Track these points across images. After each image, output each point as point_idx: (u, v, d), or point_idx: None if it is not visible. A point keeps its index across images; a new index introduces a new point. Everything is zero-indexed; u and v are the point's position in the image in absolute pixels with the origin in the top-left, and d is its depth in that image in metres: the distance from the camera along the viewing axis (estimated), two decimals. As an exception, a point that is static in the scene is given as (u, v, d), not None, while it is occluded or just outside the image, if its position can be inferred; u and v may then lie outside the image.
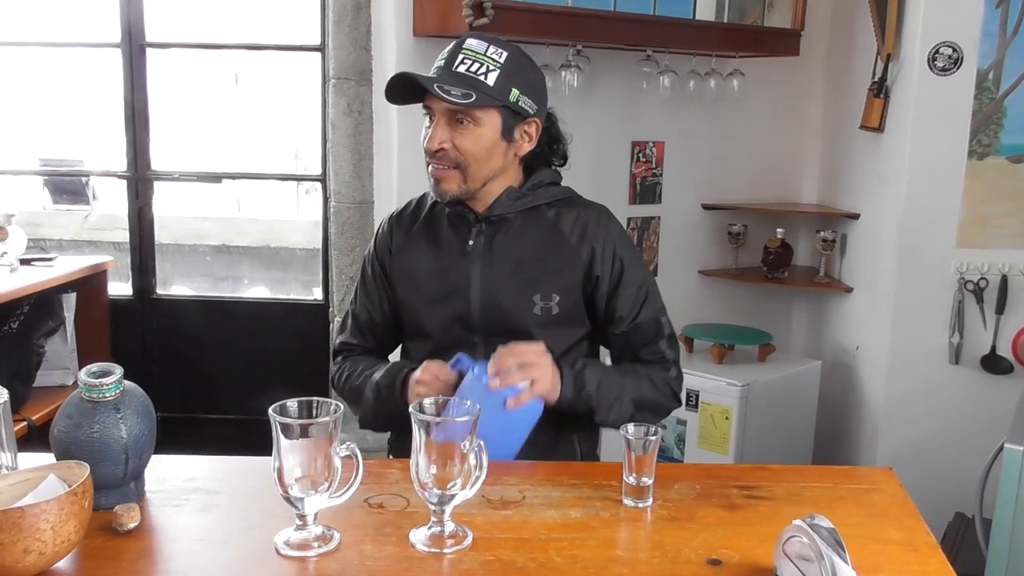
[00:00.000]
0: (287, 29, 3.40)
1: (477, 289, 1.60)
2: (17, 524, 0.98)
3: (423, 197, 1.72)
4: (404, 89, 1.53)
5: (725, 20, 3.06)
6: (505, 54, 1.53)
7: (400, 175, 2.88)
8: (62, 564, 1.06)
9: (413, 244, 1.67)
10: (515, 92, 1.54)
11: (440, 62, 1.53)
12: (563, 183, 1.68)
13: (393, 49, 2.80)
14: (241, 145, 6.12)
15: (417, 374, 1.52)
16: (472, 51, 1.52)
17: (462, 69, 1.51)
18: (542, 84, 1.61)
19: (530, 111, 1.57)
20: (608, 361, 1.71)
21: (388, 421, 1.64)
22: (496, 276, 1.60)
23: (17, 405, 2.66)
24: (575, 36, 2.79)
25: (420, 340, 1.67)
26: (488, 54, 1.52)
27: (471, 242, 1.61)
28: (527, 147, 1.61)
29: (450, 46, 1.55)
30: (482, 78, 1.50)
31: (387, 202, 2.94)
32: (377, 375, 1.62)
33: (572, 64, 2.88)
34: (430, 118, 1.55)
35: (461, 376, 1.45)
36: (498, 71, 1.52)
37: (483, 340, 1.60)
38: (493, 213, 1.61)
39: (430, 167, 1.56)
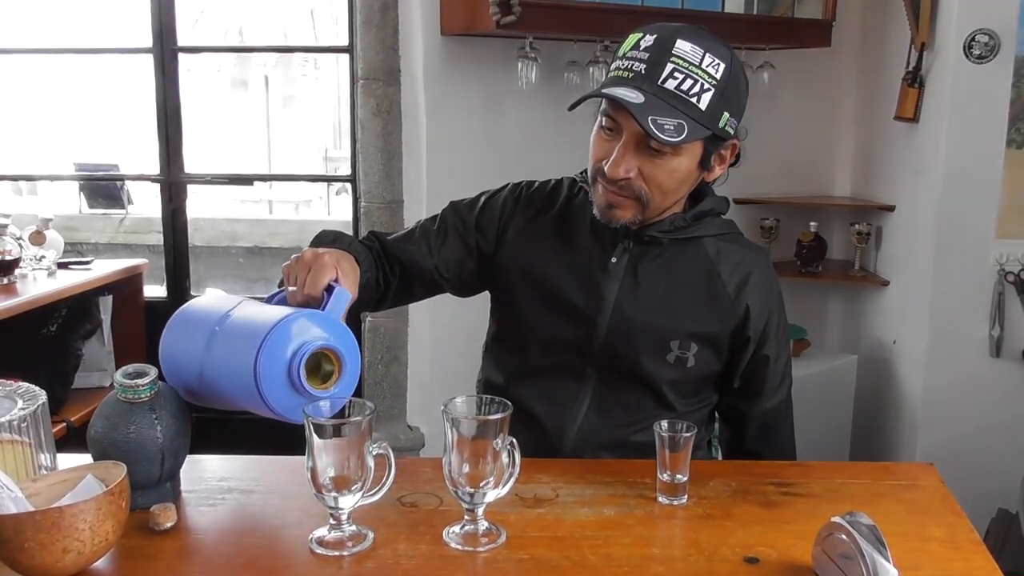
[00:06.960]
0: (316, 31, 3.43)
1: (609, 315, 1.37)
2: (56, 524, 0.99)
3: (560, 183, 1.48)
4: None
5: (754, 12, 3.02)
6: (722, 67, 1.26)
7: (429, 174, 2.88)
8: (100, 563, 1.07)
9: (539, 237, 1.43)
10: (725, 116, 1.29)
11: (639, 64, 1.26)
12: None
13: (421, 49, 2.80)
14: (272, 146, 6.18)
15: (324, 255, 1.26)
16: (685, 60, 1.25)
17: (671, 85, 1.24)
18: (746, 99, 1.34)
19: (731, 133, 1.33)
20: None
21: None
22: (636, 305, 1.37)
23: (56, 407, 2.70)
24: (603, 32, 2.77)
25: (518, 352, 1.45)
26: (704, 67, 1.25)
27: (614, 259, 1.38)
28: (719, 172, 1.39)
29: (650, 39, 1.28)
30: (694, 100, 1.24)
31: (417, 201, 2.94)
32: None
33: (600, 60, 2.86)
34: (608, 130, 1.29)
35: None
36: (712, 91, 1.25)
37: (596, 373, 1.40)
38: (646, 233, 1.37)
39: (601, 187, 1.32)
